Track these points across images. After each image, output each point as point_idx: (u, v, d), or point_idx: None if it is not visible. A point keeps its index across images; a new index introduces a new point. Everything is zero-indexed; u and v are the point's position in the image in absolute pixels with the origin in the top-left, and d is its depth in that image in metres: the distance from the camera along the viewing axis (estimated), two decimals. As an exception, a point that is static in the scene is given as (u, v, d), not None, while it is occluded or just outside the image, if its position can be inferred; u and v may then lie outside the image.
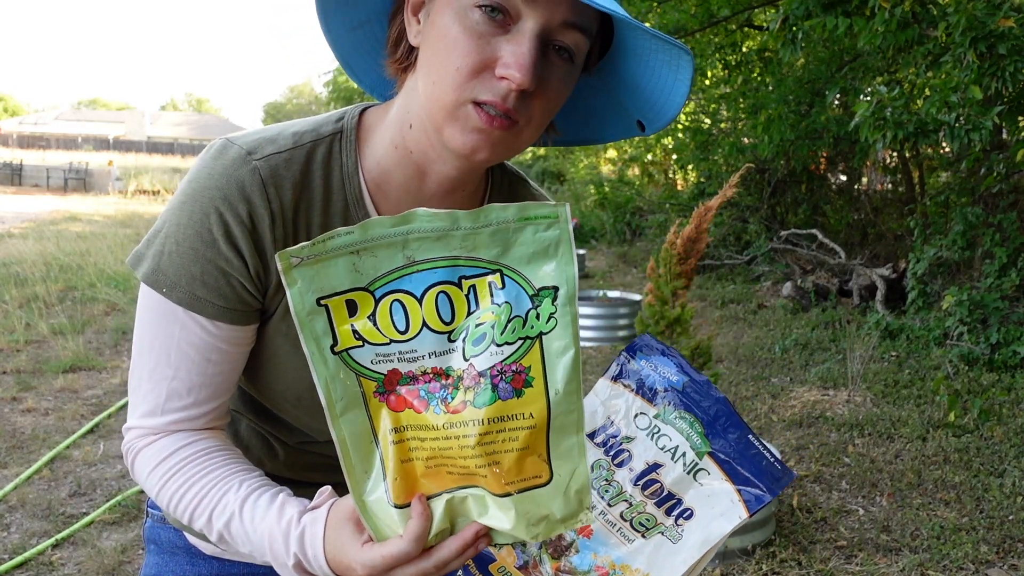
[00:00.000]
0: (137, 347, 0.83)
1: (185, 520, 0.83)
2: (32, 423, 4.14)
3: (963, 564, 2.89)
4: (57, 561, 2.83)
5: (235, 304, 0.80)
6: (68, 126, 59.11)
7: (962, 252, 6.22)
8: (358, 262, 0.66)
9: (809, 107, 8.46)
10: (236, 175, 0.78)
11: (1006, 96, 4.46)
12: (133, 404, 0.84)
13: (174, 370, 0.81)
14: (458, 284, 0.67)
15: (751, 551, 2.90)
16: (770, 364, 5.59)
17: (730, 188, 3.27)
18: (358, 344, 0.67)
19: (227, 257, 0.78)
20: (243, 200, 0.78)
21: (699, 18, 8.11)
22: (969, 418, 4.30)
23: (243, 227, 0.78)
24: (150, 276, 0.79)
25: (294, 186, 0.80)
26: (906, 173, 9.30)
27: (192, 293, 0.79)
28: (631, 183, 14.59)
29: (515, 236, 0.67)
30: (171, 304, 0.79)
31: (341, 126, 0.84)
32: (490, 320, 0.67)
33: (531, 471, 0.68)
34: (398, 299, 0.67)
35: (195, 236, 0.78)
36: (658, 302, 2.99)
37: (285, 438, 0.97)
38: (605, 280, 9.56)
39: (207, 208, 0.77)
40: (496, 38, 0.72)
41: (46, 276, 7.90)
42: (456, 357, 0.67)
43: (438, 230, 0.66)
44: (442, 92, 0.74)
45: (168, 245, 0.79)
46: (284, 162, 0.80)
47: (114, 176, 23.31)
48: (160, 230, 0.80)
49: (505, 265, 0.67)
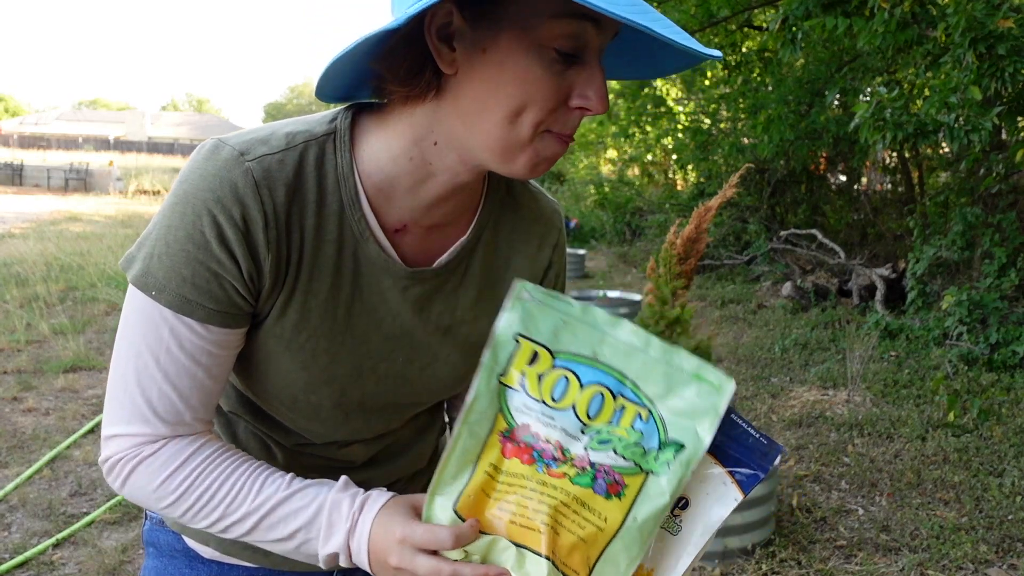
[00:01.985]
0: (123, 352, 0.80)
1: (210, 522, 0.82)
2: (33, 423, 4.15)
3: (962, 564, 2.89)
4: (58, 561, 2.84)
5: (226, 307, 0.79)
6: (69, 126, 59.11)
7: (961, 252, 6.22)
8: (561, 328, 0.76)
9: (809, 107, 8.47)
10: (229, 176, 0.76)
11: (1005, 97, 4.47)
12: (116, 411, 0.81)
13: (163, 374, 0.79)
14: (615, 397, 0.76)
15: (751, 551, 2.91)
16: (770, 364, 5.60)
17: (730, 188, 3.26)
18: (516, 388, 0.75)
19: (219, 259, 0.77)
20: (236, 202, 0.76)
21: (699, 18, 8.12)
22: (968, 418, 4.30)
23: (236, 229, 0.77)
24: (139, 278, 0.78)
25: (287, 187, 0.79)
26: (906, 173, 9.31)
27: (182, 296, 0.77)
28: (631, 183, 14.60)
29: (681, 387, 0.77)
30: (160, 307, 0.78)
31: (334, 127, 0.82)
32: (621, 435, 0.75)
33: (576, 563, 0.74)
34: (568, 375, 0.75)
35: (186, 238, 0.76)
36: (658, 302, 2.98)
37: (283, 440, 0.96)
38: (605, 280, 9.56)
39: (199, 210, 0.76)
40: (568, 70, 0.73)
41: (47, 276, 7.91)
42: (579, 445, 0.75)
43: (630, 346, 0.78)
44: (521, 131, 0.74)
45: (158, 247, 0.77)
46: (277, 163, 0.79)
47: (115, 176, 23.31)
48: (151, 232, 0.79)
49: (657, 408, 0.76)
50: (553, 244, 0.98)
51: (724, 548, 2.86)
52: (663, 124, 11.51)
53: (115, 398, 0.81)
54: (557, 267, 1.00)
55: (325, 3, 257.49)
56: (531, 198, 0.97)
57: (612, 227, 12.86)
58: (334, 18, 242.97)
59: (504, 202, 0.94)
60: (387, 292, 0.86)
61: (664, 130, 11.55)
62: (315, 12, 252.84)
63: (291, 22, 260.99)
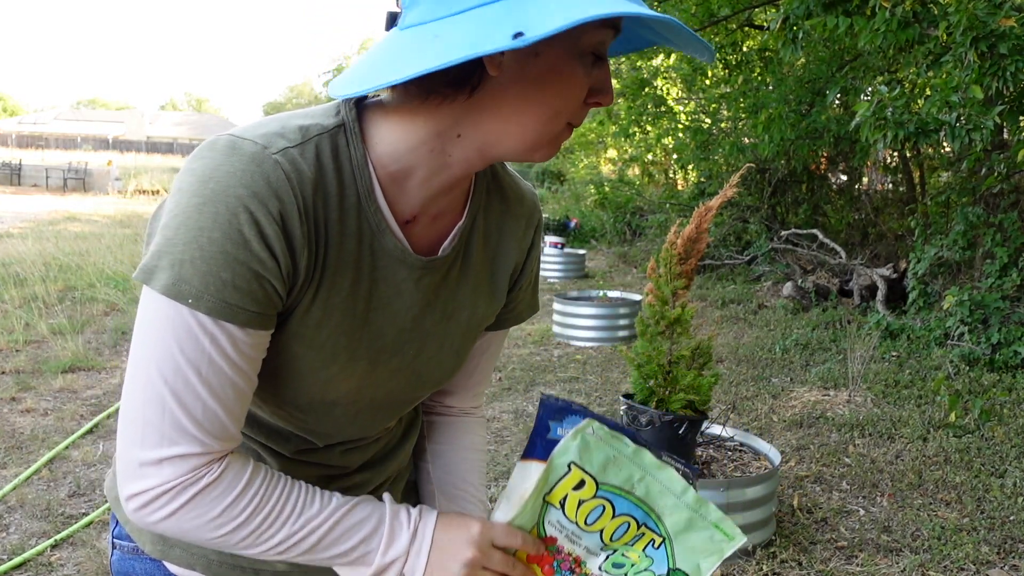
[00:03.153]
0: (154, 370, 0.74)
1: (274, 543, 0.80)
2: (31, 423, 4.14)
3: (964, 564, 2.88)
4: (56, 562, 2.83)
5: (265, 308, 0.76)
6: (67, 126, 59.11)
7: (963, 252, 6.21)
8: (611, 463, 0.86)
9: (810, 107, 8.46)
10: (260, 171, 0.73)
11: (1007, 96, 4.45)
12: (154, 435, 0.75)
13: (207, 387, 0.74)
14: (639, 526, 0.87)
15: (752, 551, 2.90)
16: (770, 364, 5.58)
17: (730, 188, 3.27)
18: (556, 507, 0.87)
19: (260, 258, 0.73)
20: (273, 196, 0.73)
21: (699, 17, 8.11)
22: (970, 418, 4.29)
23: (275, 225, 0.73)
24: (171, 288, 0.72)
25: (312, 181, 0.76)
26: (907, 173, 9.30)
27: (223, 300, 0.73)
28: (631, 183, 14.60)
29: (699, 530, 0.87)
30: (198, 315, 0.73)
31: (342, 119, 0.81)
32: (634, 559, 0.88)
33: None
34: (604, 504, 0.86)
35: (223, 238, 0.72)
36: (658, 302, 2.98)
37: (281, 448, 0.94)
38: (605, 280, 9.55)
39: (234, 207, 0.72)
40: (593, 70, 0.79)
41: (45, 276, 7.89)
42: (596, 561, 0.88)
43: (667, 489, 0.87)
44: (555, 125, 0.80)
45: (189, 252, 0.72)
46: (299, 156, 0.76)
47: (113, 176, 23.32)
48: (172, 238, 0.73)
49: (672, 540, 0.87)
50: (536, 224, 1.01)
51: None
52: (663, 124, 11.50)
53: (150, 422, 0.74)
54: (536, 247, 1.03)
55: (325, 3, 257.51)
56: (512, 181, 0.98)
57: (612, 227, 12.86)
58: (334, 18, 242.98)
59: (490, 186, 0.95)
60: (402, 284, 0.86)
61: (664, 130, 11.54)
62: (315, 12, 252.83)
63: (291, 22, 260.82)
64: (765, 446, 3.21)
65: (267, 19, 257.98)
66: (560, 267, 9.78)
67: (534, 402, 4.71)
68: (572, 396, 4.81)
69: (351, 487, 0.99)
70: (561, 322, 6.35)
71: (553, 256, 9.95)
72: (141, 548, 0.97)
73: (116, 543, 0.99)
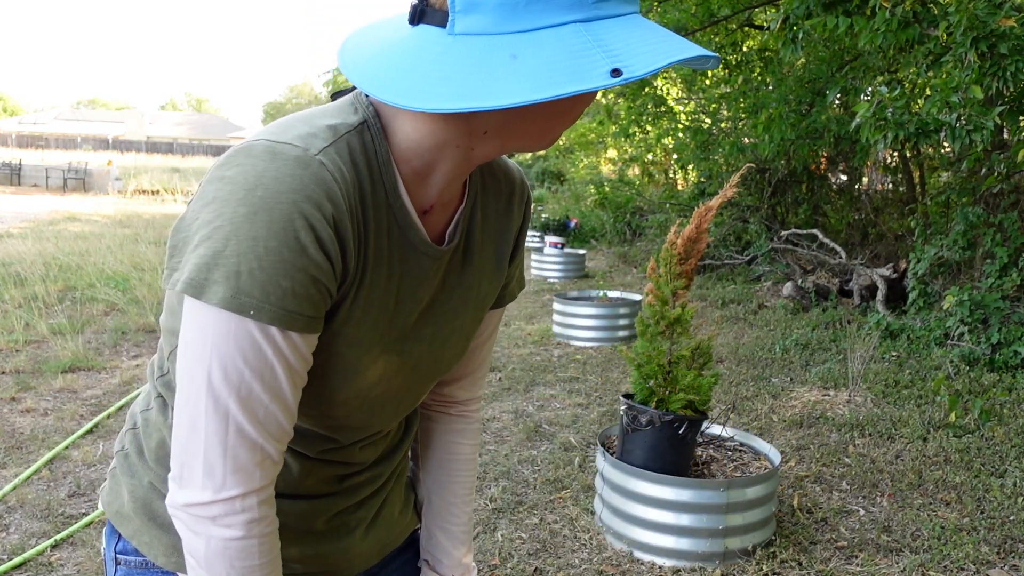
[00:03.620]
0: (217, 385, 0.74)
1: None
2: (31, 423, 4.14)
3: (964, 565, 2.88)
4: (56, 562, 2.83)
5: (320, 312, 0.77)
6: (67, 126, 59.10)
7: (963, 252, 6.21)
8: None
9: (810, 107, 8.46)
10: (309, 173, 0.73)
11: (1007, 96, 4.46)
12: (215, 456, 0.75)
13: (271, 395, 0.75)
14: None
15: (751, 551, 2.90)
16: (770, 364, 5.58)
17: (730, 188, 3.26)
18: None
19: (318, 263, 0.73)
20: (326, 199, 0.73)
21: (699, 17, 8.11)
22: (970, 418, 4.29)
23: (329, 228, 0.74)
24: (231, 301, 0.71)
25: (352, 179, 0.77)
26: (907, 173, 9.30)
27: (284, 309, 0.73)
28: (631, 183, 14.59)
29: None
30: (262, 325, 0.73)
31: (363, 116, 0.81)
32: None
33: None
34: None
35: (280, 247, 0.71)
36: (658, 302, 2.98)
37: (305, 450, 0.94)
38: (605, 280, 9.55)
39: (289, 214, 0.71)
40: None
41: (45, 276, 7.89)
42: None
43: None
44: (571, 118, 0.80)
45: (247, 263, 0.71)
46: (337, 155, 0.76)
47: (113, 176, 23.31)
48: (223, 250, 0.71)
49: None
50: (526, 199, 1.03)
51: (725, 549, 2.85)
52: (663, 124, 11.50)
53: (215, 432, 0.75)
54: (527, 221, 1.05)
55: (325, 3, 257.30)
56: (500, 160, 1.00)
57: (612, 227, 12.85)
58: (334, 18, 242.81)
59: (482, 169, 0.97)
60: (424, 275, 0.88)
61: (664, 130, 11.53)
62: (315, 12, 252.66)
63: (291, 22, 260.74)
64: (765, 446, 3.21)
65: (267, 19, 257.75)
66: (560, 267, 9.78)
67: (534, 402, 4.71)
68: (572, 396, 4.82)
69: (365, 482, 1.02)
70: (561, 322, 6.35)
71: (553, 256, 9.94)
72: (152, 561, 0.94)
73: (120, 559, 0.97)
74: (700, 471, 3.05)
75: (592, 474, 3.58)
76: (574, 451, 3.91)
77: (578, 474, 3.63)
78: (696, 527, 2.82)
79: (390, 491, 1.08)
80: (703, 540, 2.84)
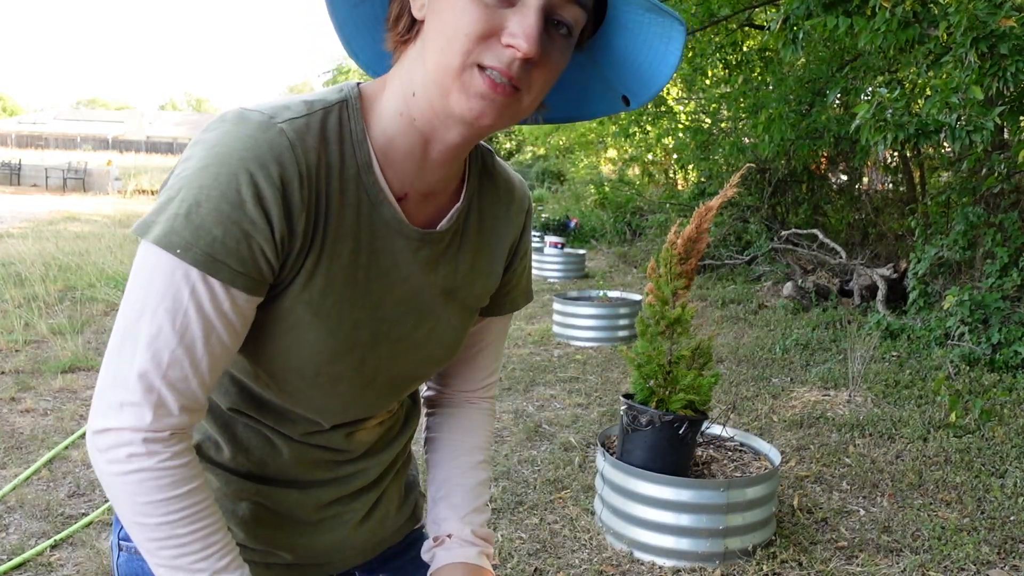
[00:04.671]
0: (132, 319, 0.77)
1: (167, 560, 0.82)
2: (31, 423, 4.14)
3: (964, 565, 2.88)
4: (56, 562, 2.82)
5: (251, 270, 0.78)
6: (67, 126, 59.08)
7: (963, 252, 6.21)
8: None
9: (810, 107, 8.45)
10: (265, 137, 0.77)
11: (1007, 96, 4.45)
12: (123, 374, 0.78)
13: (179, 337, 0.77)
14: None
15: (752, 551, 2.89)
16: (771, 364, 5.58)
17: (730, 188, 3.26)
18: None
19: (253, 219, 0.77)
20: (275, 161, 0.77)
21: (699, 17, 8.10)
22: (970, 418, 4.29)
23: (274, 189, 0.77)
24: (163, 238, 0.75)
25: (316, 150, 0.81)
26: (907, 173, 9.30)
27: (210, 255, 0.76)
28: (631, 183, 14.59)
29: None
30: (185, 265, 0.76)
31: (345, 95, 0.86)
32: None
33: None
34: None
35: (220, 197, 0.76)
36: (658, 302, 2.98)
37: (289, 431, 0.96)
38: (605, 280, 9.55)
39: (235, 170, 0.76)
40: (502, 10, 0.76)
41: (45, 276, 7.89)
42: None
43: None
44: (450, 58, 0.77)
45: (185, 207, 0.76)
46: (304, 127, 0.81)
47: (113, 176, 23.32)
48: (174, 196, 0.77)
49: None
50: (527, 209, 1.05)
51: (725, 549, 2.85)
52: (664, 124, 11.50)
53: (124, 361, 0.78)
54: (528, 230, 1.07)
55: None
56: (502, 169, 1.02)
57: (612, 227, 12.85)
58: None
59: (482, 173, 0.99)
60: (399, 255, 0.89)
61: (665, 129, 11.53)
62: (315, 12, 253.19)
63: (291, 22, 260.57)
64: (765, 446, 3.21)
65: (267, 19, 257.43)
66: (560, 267, 9.78)
67: (534, 402, 4.71)
68: (572, 396, 4.81)
69: (356, 473, 1.03)
70: (561, 322, 6.35)
71: (553, 256, 9.94)
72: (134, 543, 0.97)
73: (123, 544, 1.00)
74: (700, 471, 3.05)
75: (592, 474, 3.58)
76: (574, 451, 3.91)
77: (578, 474, 3.63)
78: (696, 527, 2.82)
79: (387, 487, 1.09)
80: (703, 540, 2.84)
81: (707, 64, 9.56)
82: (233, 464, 0.96)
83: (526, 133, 19.36)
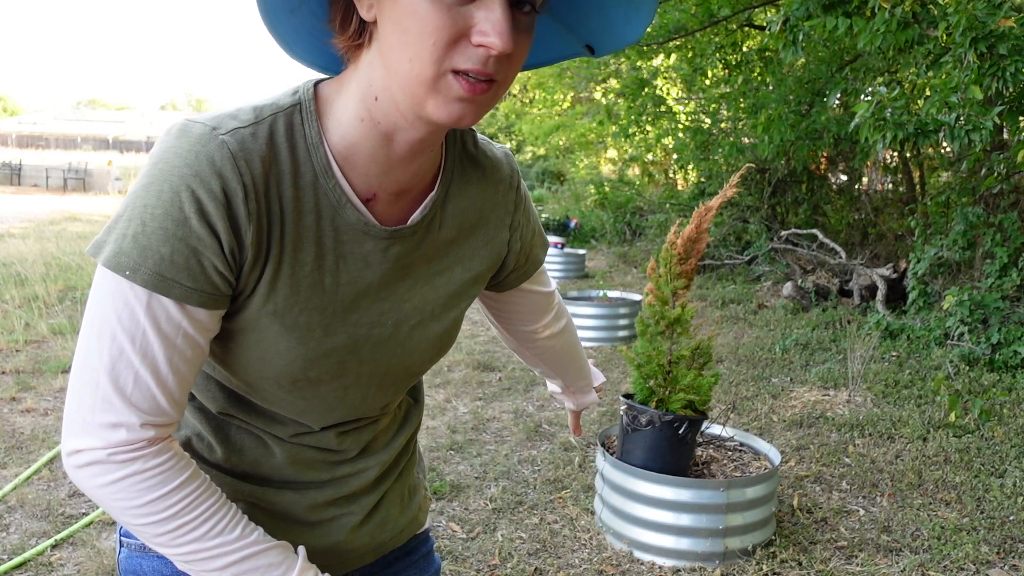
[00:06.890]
0: (93, 342, 0.77)
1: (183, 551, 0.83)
2: (31, 423, 4.14)
3: (964, 564, 2.88)
4: (56, 562, 2.83)
5: (204, 285, 0.78)
6: (67, 126, 59.08)
7: (963, 252, 6.21)
8: None
9: (809, 107, 8.46)
10: (205, 151, 0.76)
11: (1006, 96, 4.45)
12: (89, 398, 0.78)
13: (140, 357, 0.77)
14: None
15: (751, 551, 2.90)
16: (770, 364, 5.59)
17: (730, 188, 3.27)
18: None
19: (199, 235, 0.76)
20: (215, 175, 0.76)
21: (699, 18, 8.11)
22: (970, 418, 4.29)
23: (216, 202, 0.76)
24: (111, 259, 0.75)
25: (263, 159, 0.79)
26: (907, 173, 9.30)
27: (158, 274, 0.75)
28: (631, 183, 14.58)
29: None
30: (135, 287, 0.75)
31: (298, 98, 0.83)
32: None
33: None
34: None
35: (164, 215, 0.75)
36: (658, 302, 2.98)
37: (280, 433, 0.95)
38: (605, 280, 9.55)
39: (177, 186, 0.75)
40: (464, 6, 0.73)
41: (46, 276, 7.89)
42: None
43: None
44: (421, 68, 0.74)
45: (132, 227, 0.76)
46: (250, 136, 0.79)
47: (114, 176, 23.33)
48: (122, 215, 0.77)
49: None
50: (516, 183, 1.02)
51: (725, 549, 2.85)
52: (663, 124, 11.50)
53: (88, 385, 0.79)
54: (523, 200, 1.03)
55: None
56: (484, 148, 0.99)
57: (612, 227, 12.85)
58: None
59: (462, 156, 0.96)
60: (369, 256, 0.87)
61: (664, 130, 11.53)
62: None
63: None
64: (765, 446, 3.21)
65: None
66: (560, 267, 9.78)
67: (534, 402, 4.71)
68: (572, 396, 4.81)
69: (352, 474, 1.02)
70: (561, 322, 6.35)
71: (553, 256, 9.94)
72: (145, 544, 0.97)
73: (124, 541, 1.00)
74: (700, 471, 3.05)
75: (592, 474, 3.58)
76: (574, 451, 3.92)
77: (578, 474, 3.63)
78: (696, 527, 2.83)
79: (388, 489, 1.07)
80: (703, 540, 2.84)
81: (707, 64, 9.57)
82: (227, 465, 0.96)
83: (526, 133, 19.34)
